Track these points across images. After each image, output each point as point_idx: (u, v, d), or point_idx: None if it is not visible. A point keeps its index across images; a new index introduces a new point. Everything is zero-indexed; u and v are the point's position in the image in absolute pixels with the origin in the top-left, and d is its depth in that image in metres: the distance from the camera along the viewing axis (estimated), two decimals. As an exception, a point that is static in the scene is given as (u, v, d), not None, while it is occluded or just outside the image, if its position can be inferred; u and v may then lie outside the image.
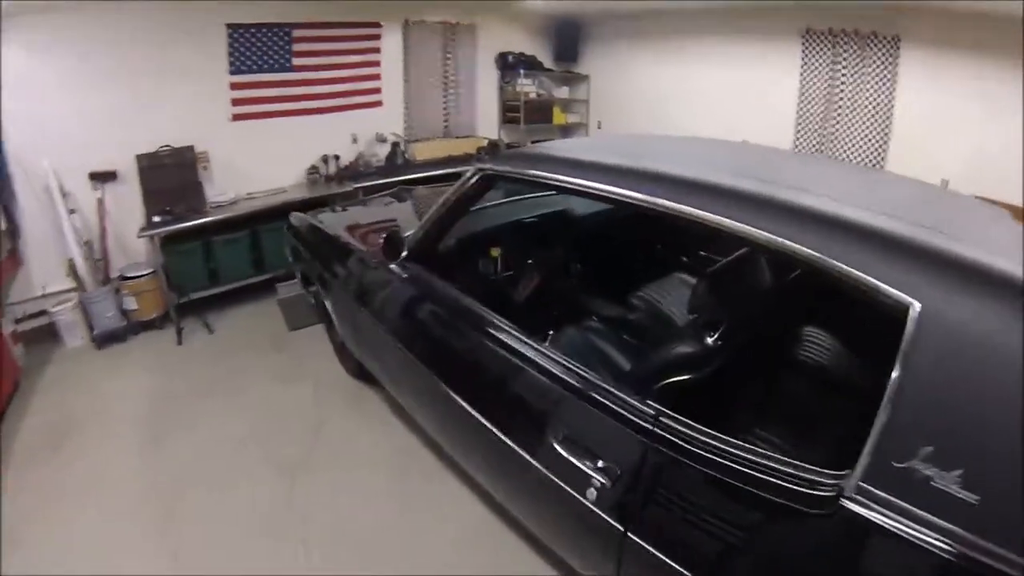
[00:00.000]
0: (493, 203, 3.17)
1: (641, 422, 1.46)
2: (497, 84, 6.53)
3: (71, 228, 3.99)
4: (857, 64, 4.98)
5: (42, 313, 4.06)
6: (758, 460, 1.28)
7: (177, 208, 4.31)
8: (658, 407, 1.45)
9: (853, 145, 5.13)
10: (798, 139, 5.45)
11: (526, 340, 1.84)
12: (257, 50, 4.81)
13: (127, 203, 4.34)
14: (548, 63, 6.86)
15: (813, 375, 2.39)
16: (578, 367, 1.67)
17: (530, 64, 6.45)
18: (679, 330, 1.99)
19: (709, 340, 1.75)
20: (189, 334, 4.15)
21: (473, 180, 2.19)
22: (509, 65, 6.34)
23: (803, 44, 5.27)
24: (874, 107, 4.96)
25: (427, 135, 6.04)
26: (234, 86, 4.76)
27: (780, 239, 1.31)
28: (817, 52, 5.22)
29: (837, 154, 5.27)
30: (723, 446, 1.33)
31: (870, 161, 5.05)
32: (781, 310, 2.34)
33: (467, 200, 2.29)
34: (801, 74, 5.33)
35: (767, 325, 2.21)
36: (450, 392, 2.09)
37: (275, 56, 4.90)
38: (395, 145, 5.49)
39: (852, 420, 1.92)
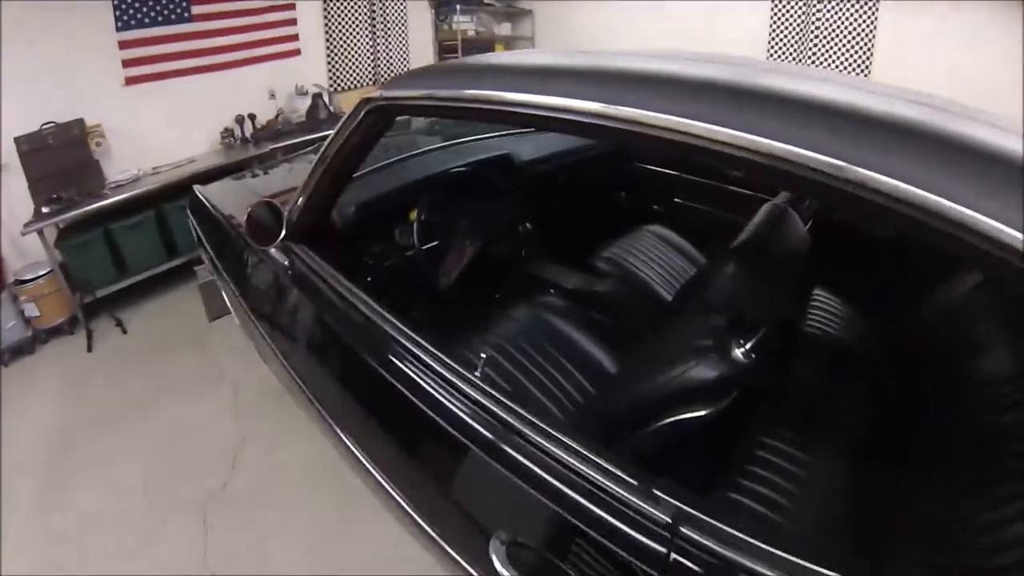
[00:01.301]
0: (414, 152, 2.56)
1: (645, 538, 0.85)
2: (432, 22, 5.80)
3: (-51, 232, 3.45)
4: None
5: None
6: None
7: (68, 193, 3.75)
8: (677, 504, 0.85)
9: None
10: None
11: (448, 377, 1.19)
12: (147, 0, 4.08)
13: (15, 195, 3.71)
14: (487, -4, 6.13)
15: (823, 349, 1.82)
16: (532, 421, 1.03)
17: (467, -1, 5.74)
18: (689, 334, 1.26)
19: (739, 352, 1.11)
20: (101, 337, 3.72)
21: (360, 118, 1.48)
22: (445, 0, 5.62)
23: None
24: (854, 34, 4.53)
25: (354, 84, 5.40)
26: (124, 44, 4.03)
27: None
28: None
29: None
30: None
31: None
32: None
33: (357, 149, 1.57)
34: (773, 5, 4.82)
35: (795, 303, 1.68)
36: (352, 449, 1.55)
37: (169, 5, 4.15)
38: (317, 97, 4.85)
39: (874, 405, 1.53)
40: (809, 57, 4.78)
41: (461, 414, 1.14)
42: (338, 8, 5.12)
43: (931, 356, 1.51)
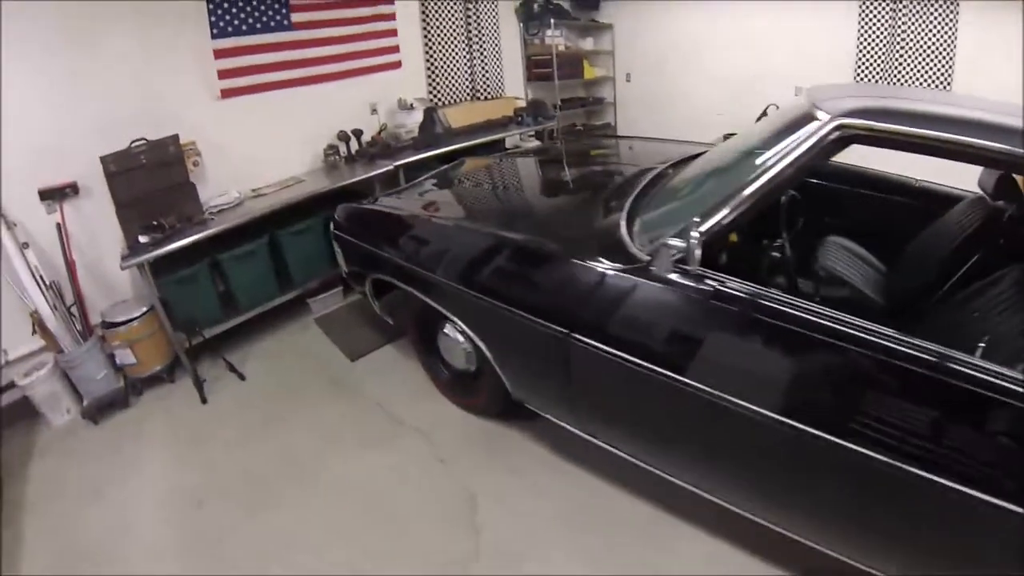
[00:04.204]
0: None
1: None
2: (520, 37, 5.05)
3: (27, 268, 2.56)
4: (918, 7, 4.09)
5: (11, 386, 2.65)
6: None
7: (168, 220, 2.91)
8: None
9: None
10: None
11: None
12: (245, 5, 3.27)
13: (96, 223, 2.89)
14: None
15: None
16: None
17: (558, 13, 4.99)
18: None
19: None
20: (213, 384, 2.81)
21: (827, 143, 1.39)
22: (534, 15, 4.86)
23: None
24: (936, 53, 4.12)
25: (453, 99, 4.60)
26: (219, 53, 3.23)
27: None
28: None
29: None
30: None
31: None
32: None
33: (801, 171, 1.44)
34: (860, 18, 4.35)
35: None
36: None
37: (269, 12, 3.36)
38: (430, 111, 4.00)
39: None
40: (896, 67, 4.32)
41: None
42: (436, 19, 4.35)
43: None
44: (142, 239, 2.78)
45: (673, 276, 1.49)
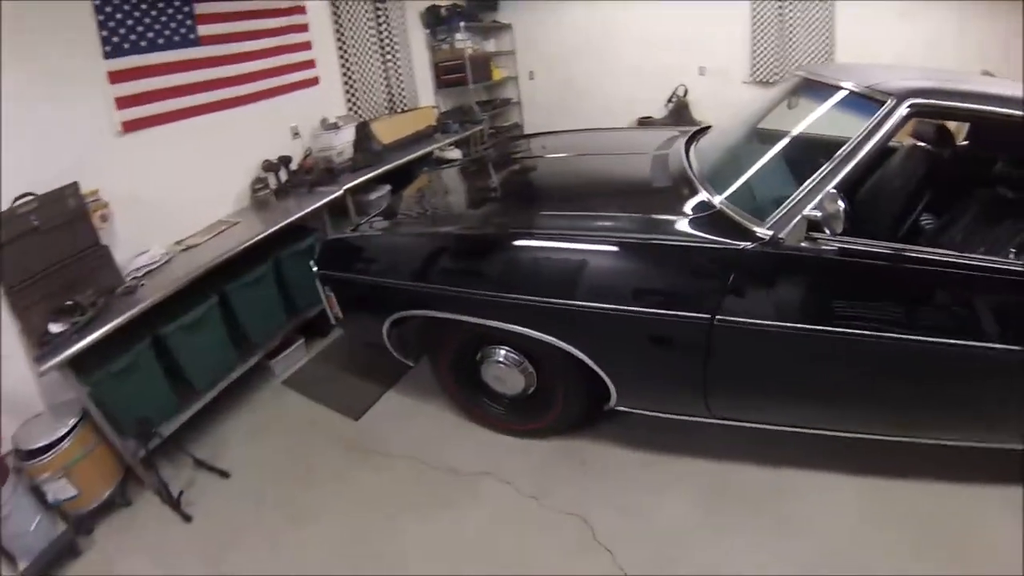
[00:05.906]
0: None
1: None
2: (426, 44, 4.64)
3: None
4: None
5: None
6: None
7: (85, 297, 2.21)
8: None
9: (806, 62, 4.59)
10: (756, 62, 4.75)
11: None
12: (143, 17, 2.55)
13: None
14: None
15: None
16: None
17: (466, 16, 4.67)
18: None
19: None
20: (188, 493, 2.17)
21: (901, 119, 1.47)
22: (442, 20, 4.49)
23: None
24: (819, 25, 4.46)
25: (373, 113, 4.08)
26: (115, 77, 2.48)
27: None
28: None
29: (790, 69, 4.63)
30: None
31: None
32: None
33: (886, 144, 1.52)
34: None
35: None
36: None
37: (171, 24, 2.66)
38: (363, 127, 3.47)
39: None
40: (787, 54, 4.64)
41: None
42: (350, 28, 3.80)
43: None
44: (54, 328, 2.08)
45: (803, 244, 1.53)
